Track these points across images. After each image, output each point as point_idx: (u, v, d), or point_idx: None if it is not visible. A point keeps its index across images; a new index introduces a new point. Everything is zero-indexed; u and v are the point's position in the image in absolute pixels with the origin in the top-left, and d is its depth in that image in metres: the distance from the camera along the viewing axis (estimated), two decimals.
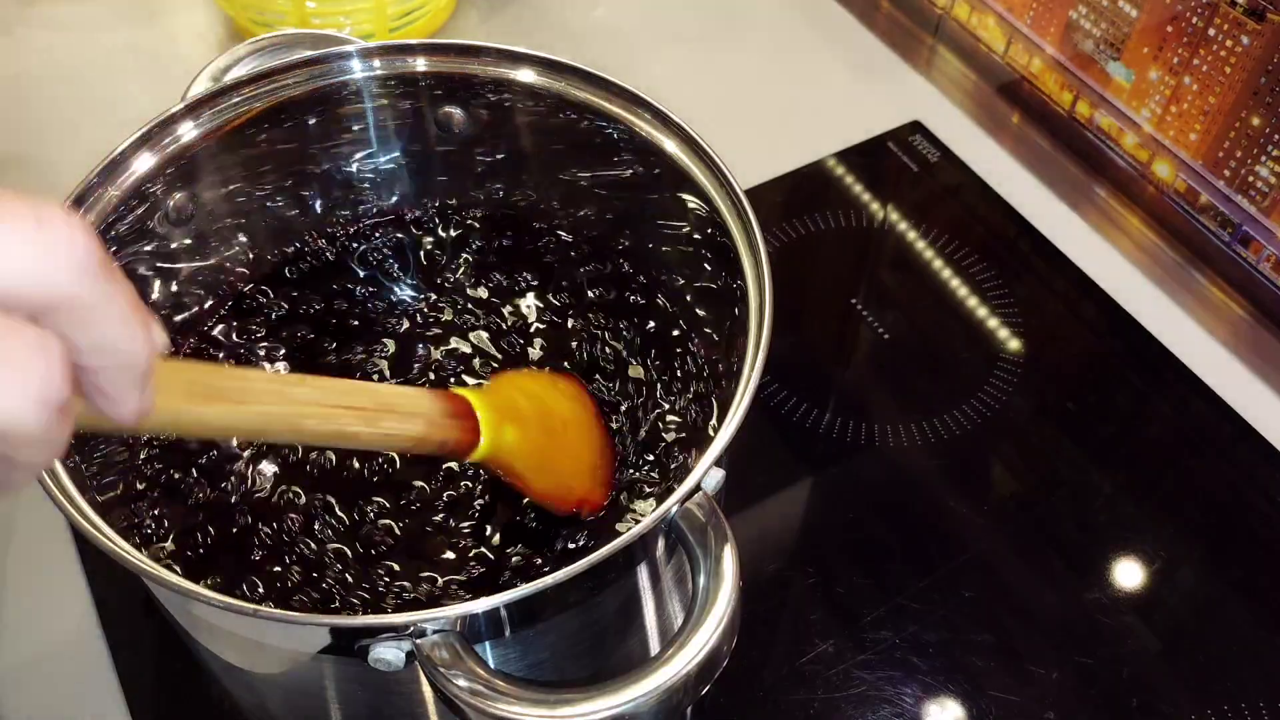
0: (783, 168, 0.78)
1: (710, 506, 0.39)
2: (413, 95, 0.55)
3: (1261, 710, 0.54)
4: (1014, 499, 0.62)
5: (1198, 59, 0.67)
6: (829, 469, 0.63)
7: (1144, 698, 0.55)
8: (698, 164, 0.50)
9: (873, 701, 0.54)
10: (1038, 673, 0.55)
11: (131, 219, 0.49)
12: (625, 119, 0.52)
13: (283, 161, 0.55)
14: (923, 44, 0.86)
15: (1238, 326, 0.70)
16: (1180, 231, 0.73)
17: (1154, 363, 0.69)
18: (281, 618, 0.38)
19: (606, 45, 0.86)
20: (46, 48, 0.84)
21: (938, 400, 0.66)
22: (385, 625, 0.36)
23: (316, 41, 0.55)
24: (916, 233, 0.75)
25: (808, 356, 0.69)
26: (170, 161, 0.50)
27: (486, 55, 0.53)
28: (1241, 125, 0.66)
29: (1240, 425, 0.66)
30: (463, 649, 0.36)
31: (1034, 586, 0.58)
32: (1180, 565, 0.60)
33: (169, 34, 0.86)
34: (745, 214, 0.47)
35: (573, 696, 0.35)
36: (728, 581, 0.37)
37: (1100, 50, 0.73)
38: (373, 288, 0.58)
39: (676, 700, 0.36)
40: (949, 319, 0.71)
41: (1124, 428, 0.66)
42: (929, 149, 0.80)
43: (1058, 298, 0.72)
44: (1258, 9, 0.62)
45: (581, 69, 0.52)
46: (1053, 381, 0.68)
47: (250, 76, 0.51)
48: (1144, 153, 0.73)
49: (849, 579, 0.58)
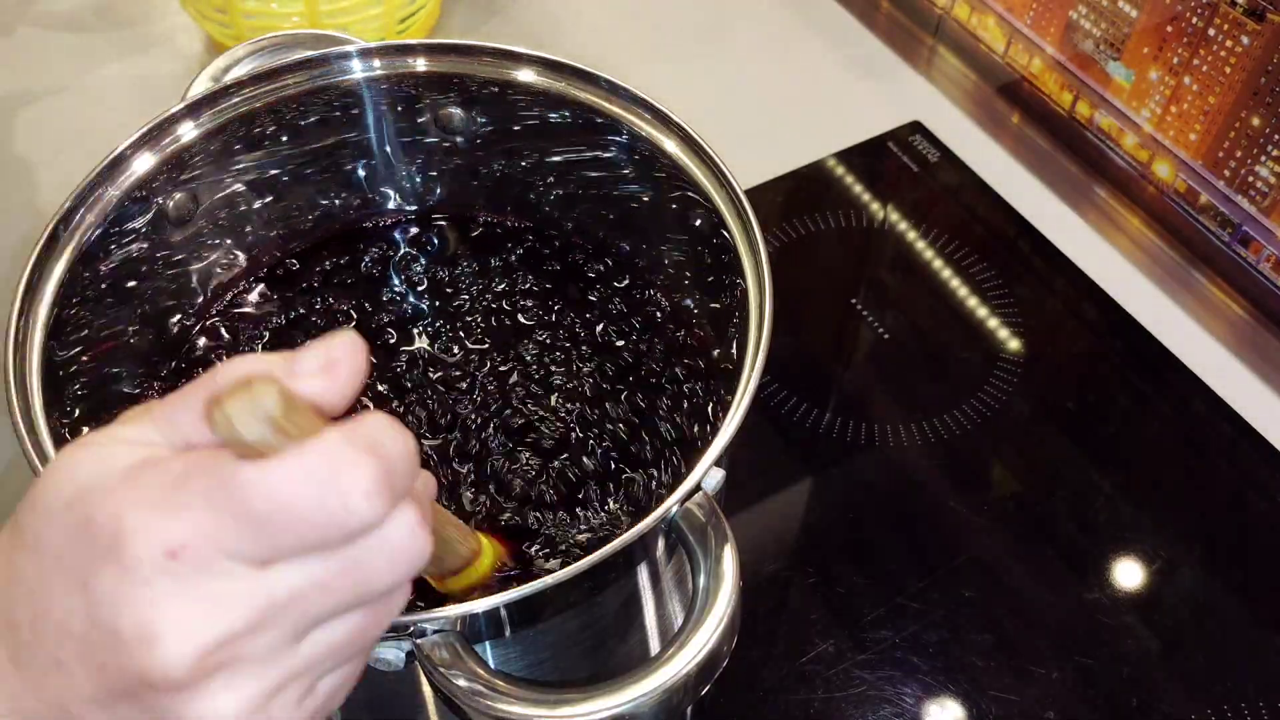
0: (783, 168, 0.78)
1: (710, 506, 0.39)
2: (413, 95, 0.55)
3: (1261, 710, 0.54)
4: (1014, 499, 0.62)
5: (1198, 59, 0.67)
6: (829, 469, 0.63)
7: (1144, 698, 0.55)
8: (698, 164, 0.50)
9: (873, 701, 0.54)
10: (1038, 673, 0.55)
11: (131, 219, 0.49)
12: (625, 119, 0.52)
13: (282, 162, 0.55)
14: (923, 44, 0.86)
15: (1238, 326, 0.70)
16: (1180, 231, 0.73)
17: (1154, 363, 0.69)
18: None
19: (606, 45, 0.86)
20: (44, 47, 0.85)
21: (938, 400, 0.66)
22: None
23: (316, 41, 0.55)
24: (916, 233, 0.75)
25: (808, 356, 0.69)
26: (170, 161, 0.50)
27: (486, 55, 0.53)
28: (1241, 125, 0.66)
29: (1240, 425, 0.66)
30: (463, 649, 0.36)
31: (1034, 586, 0.58)
32: (1180, 565, 0.60)
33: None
34: (745, 214, 0.47)
35: (573, 696, 0.35)
36: (728, 581, 0.37)
37: (1100, 50, 0.73)
38: (372, 288, 0.58)
39: (676, 700, 0.36)
40: (949, 319, 0.70)
41: (1124, 428, 0.66)
42: (929, 149, 0.80)
43: (1058, 298, 0.72)
44: (1258, 9, 0.62)
45: (581, 69, 0.52)
46: (1053, 381, 0.68)
47: (250, 76, 0.51)
48: (1144, 153, 0.73)
49: (849, 579, 0.58)
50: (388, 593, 0.27)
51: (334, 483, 0.24)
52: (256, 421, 0.24)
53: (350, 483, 0.24)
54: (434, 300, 0.57)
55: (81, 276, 0.46)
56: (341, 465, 0.24)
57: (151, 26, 0.87)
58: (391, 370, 0.55)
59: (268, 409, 0.24)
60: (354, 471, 0.24)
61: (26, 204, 0.74)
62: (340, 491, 0.24)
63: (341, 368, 0.26)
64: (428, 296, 0.57)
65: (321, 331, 0.56)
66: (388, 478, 0.24)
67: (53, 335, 0.44)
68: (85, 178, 0.47)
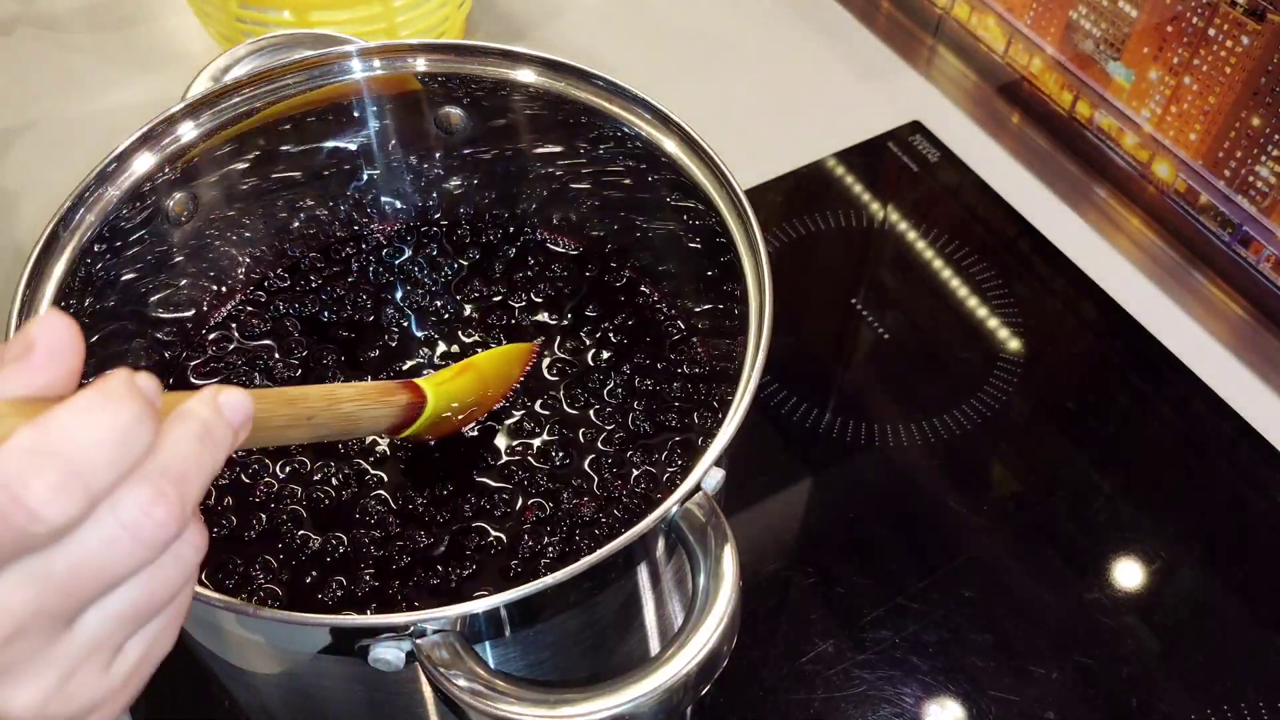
0: (783, 168, 0.78)
1: (710, 506, 0.39)
2: (413, 95, 0.55)
3: (1261, 710, 0.54)
4: (1014, 499, 0.62)
5: (1198, 59, 0.67)
6: (829, 469, 0.63)
7: (1144, 698, 0.55)
8: (698, 164, 0.50)
9: (873, 701, 0.54)
10: (1038, 673, 0.55)
11: (131, 219, 0.49)
12: (625, 119, 0.52)
13: (282, 161, 0.55)
14: (923, 44, 0.86)
15: (1238, 326, 0.70)
16: (1180, 231, 0.73)
17: (1154, 363, 0.69)
18: (281, 618, 0.38)
19: (605, 45, 0.86)
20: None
21: (938, 400, 0.66)
22: (385, 625, 0.36)
23: (316, 41, 0.55)
24: (916, 233, 0.75)
25: (808, 356, 0.69)
26: (170, 161, 0.50)
27: (486, 55, 0.53)
28: (1241, 125, 0.66)
29: (1240, 425, 0.66)
30: (463, 649, 0.36)
31: (1034, 586, 0.58)
32: (1180, 565, 0.60)
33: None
34: (745, 214, 0.47)
35: (573, 696, 0.35)
36: (728, 581, 0.37)
37: (1100, 50, 0.73)
38: (372, 288, 0.58)
39: (676, 700, 0.36)
40: (949, 319, 0.71)
41: (1124, 428, 0.66)
42: (929, 149, 0.80)
43: (1058, 298, 0.72)
44: (1258, 9, 0.62)
45: (581, 69, 0.52)
46: (1053, 381, 0.68)
47: (250, 77, 0.51)
48: (1144, 153, 0.73)
49: (849, 579, 0.58)
50: (148, 560, 0.26)
51: (11, 493, 0.23)
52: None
53: (29, 492, 0.23)
54: (432, 300, 0.57)
55: (81, 277, 0.46)
56: (17, 473, 0.23)
57: (151, 26, 0.87)
58: (391, 370, 0.55)
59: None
60: (30, 476, 0.23)
61: (27, 203, 0.74)
62: (19, 502, 0.23)
63: (38, 351, 0.26)
64: (427, 297, 0.57)
65: (322, 331, 0.56)
66: (76, 474, 0.24)
67: None
68: (85, 178, 0.47)
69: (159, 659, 0.30)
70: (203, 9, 0.79)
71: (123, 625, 0.27)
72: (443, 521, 0.49)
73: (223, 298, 0.56)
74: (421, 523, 0.49)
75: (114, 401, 0.25)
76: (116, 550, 0.25)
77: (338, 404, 0.40)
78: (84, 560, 0.25)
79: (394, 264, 0.59)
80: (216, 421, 0.28)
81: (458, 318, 0.57)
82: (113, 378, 0.25)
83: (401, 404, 0.45)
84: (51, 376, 0.26)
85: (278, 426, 0.36)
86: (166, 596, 0.28)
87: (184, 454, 0.26)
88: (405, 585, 0.47)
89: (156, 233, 0.51)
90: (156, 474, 0.25)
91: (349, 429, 0.42)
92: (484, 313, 0.56)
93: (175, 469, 0.26)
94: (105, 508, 0.25)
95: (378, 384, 0.46)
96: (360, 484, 0.50)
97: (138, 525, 0.25)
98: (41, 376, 0.26)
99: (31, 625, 0.25)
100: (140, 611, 0.27)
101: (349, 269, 0.59)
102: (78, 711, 0.27)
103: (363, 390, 0.44)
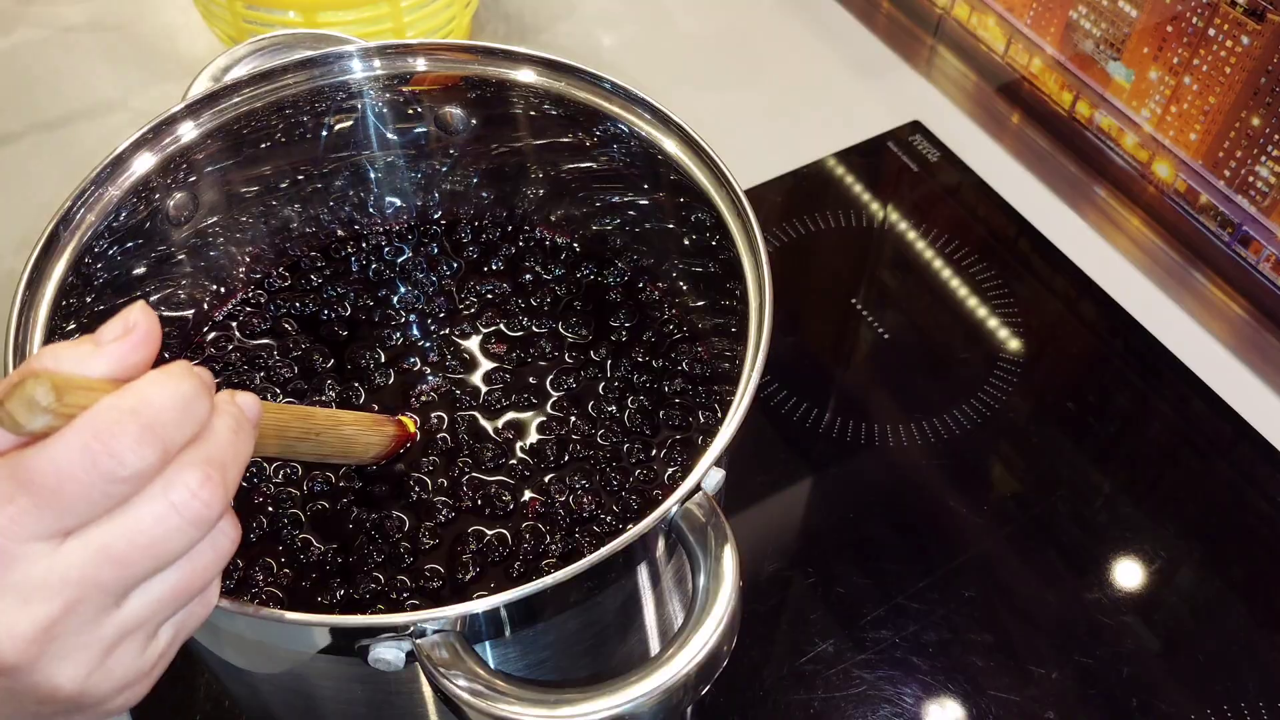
0: (783, 168, 0.78)
1: (710, 506, 0.39)
2: (412, 95, 0.55)
3: (1261, 710, 0.54)
4: (1014, 499, 0.62)
5: (1198, 59, 0.67)
6: (829, 469, 0.63)
7: (1144, 698, 0.55)
8: (698, 164, 0.50)
9: (873, 701, 0.54)
10: (1038, 673, 0.55)
11: (131, 219, 0.49)
12: (625, 119, 0.52)
13: (282, 161, 0.55)
14: (923, 44, 0.86)
15: (1238, 326, 0.70)
16: (1180, 231, 0.73)
17: (1154, 363, 0.69)
18: (281, 618, 0.38)
19: (610, 46, 0.86)
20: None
21: (938, 400, 0.66)
22: (385, 625, 0.36)
23: (316, 41, 0.55)
24: (916, 233, 0.75)
25: (808, 356, 0.69)
26: (170, 161, 0.50)
27: (486, 55, 0.53)
28: (1241, 125, 0.66)
29: (1240, 425, 0.66)
30: (463, 649, 0.36)
31: (1034, 586, 0.58)
32: (1180, 565, 0.60)
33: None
34: (745, 214, 0.47)
35: (573, 696, 0.35)
36: (728, 581, 0.37)
37: (1100, 50, 0.73)
38: (371, 288, 0.58)
39: (676, 700, 0.36)
40: (949, 319, 0.71)
41: (1124, 428, 0.66)
42: (929, 149, 0.80)
43: (1058, 298, 0.72)
44: (1258, 9, 0.62)
45: (581, 69, 0.52)
46: (1053, 381, 0.68)
47: (250, 76, 0.51)
48: (1144, 153, 0.73)
49: (849, 579, 0.58)
50: (195, 540, 0.29)
51: (102, 442, 0.26)
52: (35, 412, 0.27)
53: (117, 441, 0.27)
54: (432, 301, 0.57)
55: (81, 277, 0.46)
56: (107, 426, 0.27)
57: (151, 26, 0.87)
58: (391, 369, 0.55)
59: (40, 399, 0.27)
60: (117, 429, 0.27)
61: (27, 203, 0.74)
62: (109, 451, 0.26)
63: (138, 332, 0.30)
64: (427, 296, 0.57)
65: (322, 330, 0.56)
66: (152, 427, 0.27)
67: (52, 335, 0.44)
68: (85, 178, 0.47)
69: (180, 644, 0.32)
70: (208, 9, 0.78)
71: (163, 607, 0.30)
72: (443, 522, 0.49)
73: (222, 297, 0.56)
74: (422, 523, 0.49)
75: (177, 377, 0.28)
76: (167, 526, 0.28)
77: (340, 425, 0.44)
78: (138, 534, 0.28)
79: (394, 263, 0.59)
80: (244, 418, 0.31)
81: (458, 317, 0.57)
82: (175, 364, 0.29)
83: (390, 434, 0.48)
84: (143, 356, 0.30)
85: (293, 437, 0.39)
86: (201, 584, 0.31)
87: (224, 443, 0.30)
88: (405, 585, 0.47)
89: (156, 232, 0.51)
90: (202, 459, 0.29)
91: (345, 451, 0.45)
92: (484, 312, 0.56)
93: (218, 456, 0.29)
94: (158, 486, 0.28)
95: (371, 414, 0.49)
96: (360, 484, 0.50)
97: (186, 505, 0.28)
98: (136, 354, 0.30)
99: (88, 598, 0.28)
100: (179, 595, 0.30)
101: (349, 269, 0.59)
102: (113, 689, 0.30)
103: (359, 417, 0.47)
